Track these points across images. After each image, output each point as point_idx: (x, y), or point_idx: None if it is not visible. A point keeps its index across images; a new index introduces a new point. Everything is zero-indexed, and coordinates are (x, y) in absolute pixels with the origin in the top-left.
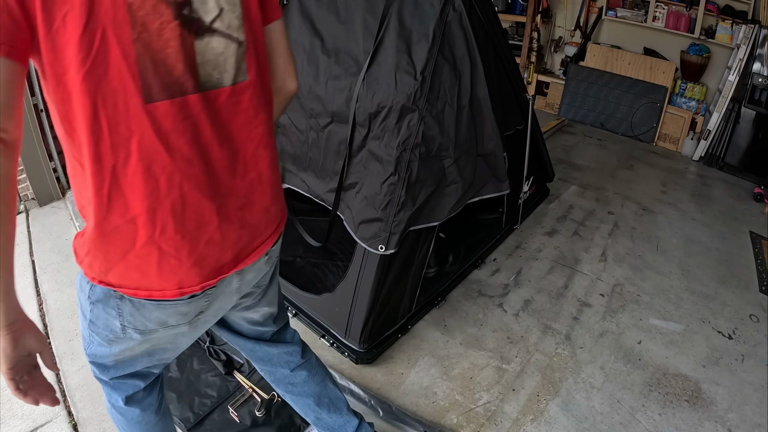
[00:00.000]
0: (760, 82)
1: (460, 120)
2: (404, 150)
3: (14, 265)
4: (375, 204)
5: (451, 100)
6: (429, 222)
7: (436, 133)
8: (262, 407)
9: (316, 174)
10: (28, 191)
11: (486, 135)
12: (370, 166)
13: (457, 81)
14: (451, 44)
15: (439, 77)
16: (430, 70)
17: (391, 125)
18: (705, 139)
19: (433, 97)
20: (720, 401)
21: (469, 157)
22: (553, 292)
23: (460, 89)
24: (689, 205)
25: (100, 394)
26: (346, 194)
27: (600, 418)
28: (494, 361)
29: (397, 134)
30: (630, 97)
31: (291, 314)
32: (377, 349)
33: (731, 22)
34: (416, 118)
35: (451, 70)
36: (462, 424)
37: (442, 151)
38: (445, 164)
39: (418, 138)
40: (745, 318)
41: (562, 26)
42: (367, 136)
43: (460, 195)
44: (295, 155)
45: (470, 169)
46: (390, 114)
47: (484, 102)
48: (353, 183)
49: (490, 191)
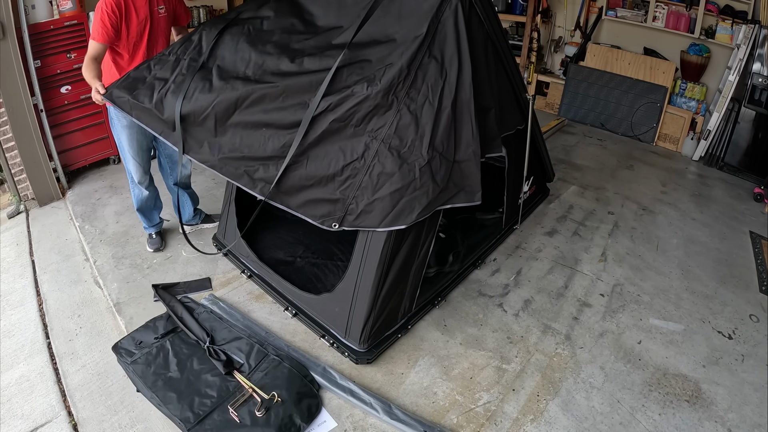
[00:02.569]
0: (760, 82)
1: (438, 120)
2: (374, 138)
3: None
4: (333, 185)
5: (432, 99)
6: (395, 225)
7: (412, 129)
8: (262, 407)
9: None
10: (28, 191)
11: (464, 140)
12: (329, 147)
13: (442, 80)
14: (442, 43)
15: (424, 73)
16: (416, 64)
17: (364, 111)
18: (705, 139)
19: (415, 92)
20: (720, 401)
21: (443, 161)
22: (553, 292)
23: (443, 89)
24: (689, 205)
25: (100, 394)
26: (289, 169)
27: (600, 418)
28: (494, 361)
29: (369, 121)
30: (630, 97)
31: (291, 314)
32: (377, 349)
33: (731, 22)
34: (393, 110)
35: (438, 68)
36: (462, 424)
37: (415, 149)
38: (417, 163)
39: (391, 129)
40: (745, 318)
41: (562, 26)
42: (332, 117)
43: (430, 199)
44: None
45: (443, 174)
46: (367, 100)
47: (466, 106)
48: (299, 160)
49: (462, 200)
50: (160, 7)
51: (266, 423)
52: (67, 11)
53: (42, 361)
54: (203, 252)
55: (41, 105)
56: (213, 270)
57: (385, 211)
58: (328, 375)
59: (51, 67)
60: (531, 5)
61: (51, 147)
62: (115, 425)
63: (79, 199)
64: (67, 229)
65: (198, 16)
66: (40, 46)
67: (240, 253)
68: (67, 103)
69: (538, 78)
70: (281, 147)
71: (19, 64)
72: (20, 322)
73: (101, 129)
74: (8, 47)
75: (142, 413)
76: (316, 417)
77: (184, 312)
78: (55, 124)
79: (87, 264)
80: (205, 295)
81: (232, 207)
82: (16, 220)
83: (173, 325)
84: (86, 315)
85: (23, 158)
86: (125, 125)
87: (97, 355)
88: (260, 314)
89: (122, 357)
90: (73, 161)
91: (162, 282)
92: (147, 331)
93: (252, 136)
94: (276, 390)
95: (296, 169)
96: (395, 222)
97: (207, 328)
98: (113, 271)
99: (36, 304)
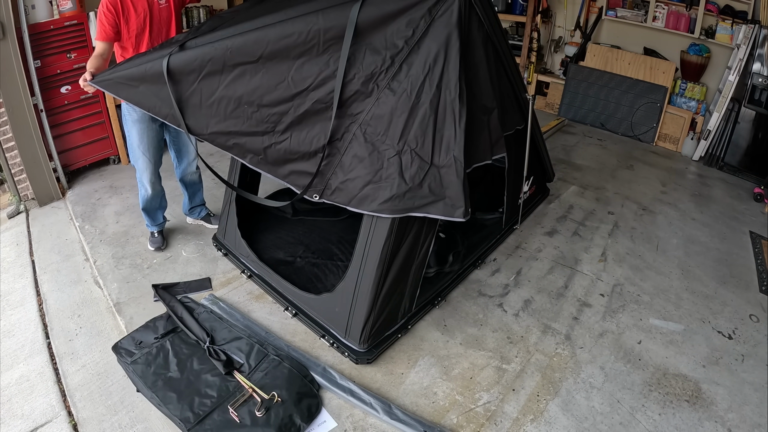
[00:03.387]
0: (760, 82)
1: (414, 114)
2: (354, 122)
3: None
4: (315, 159)
5: (410, 92)
6: (360, 208)
7: (386, 118)
8: (262, 407)
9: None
10: (28, 191)
11: (445, 143)
12: (311, 126)
13: (424, 76)
14: (433, 40)
15: (409, 67)
16: (401, 57)
17: (346, 95)
18: (705, 139)
19: (396, 84)
20: (720, 401)
21: (416, 158)
22: (553, 292)
23: (423, 84)
24: (689, 205)
25: (100, 394)
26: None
27: (600, 418)
28: (494, 361)
29: (350, 105)
30: (630, 97)
31: (291, 314)
32: (377, 349)
33: (731, 22)
34: (372, 97)
35: (423, 65)
36: (462, 424)
37: (387, 139)
38: (386, 154)
39: (368, 116)
40: (745, 318)
41: (562, 26)
42: (315, 98)
43: (393, 193)
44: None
45: (415, 172)
46: (348, 85)
47: (450, 107)
48: (283, 137)
49: (440, 212)
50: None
51: (266, 423)
52: (67, 11)
53: (42, 361)
54: (222, 179)
55: (41, 105)
56: (213, 270)
57: (352, 193)
58: (328, 375)
59: (51, 67)
60: (531, 5)
61: (51, 147)
62: (115, 425)
63: (79, 199)
64: (67, 229)
65: (198, 16)
66: (40, 46)
67: (240, 253)
68: (67, 103)
69: (538, 78)
70: (264, 122)
71: (19, 64)
72: (20, 322)
73: (101, 129)
74: (8, 47)
75: (142, 413)
76: (316, 417)
77: (184, 312)
78: (55, 124)
79: (87, 264)
80: (205, 295)
81: (232, 207)
82: (16, 220)
83: (173, 325)
84: (86, 315)
85: (23, 158)
86: (136, 119)
87: (97, 355)
88: (260, 314)
89: (122, 357)
90: (73, 161)
91: (162, 282)
92: (147, 331)
93: (235, 113)
94: (276, 390)
95: (281, 143)
96: (360, 206)
97: (207, 328)
98: (113, 271)
99: (36, 304)
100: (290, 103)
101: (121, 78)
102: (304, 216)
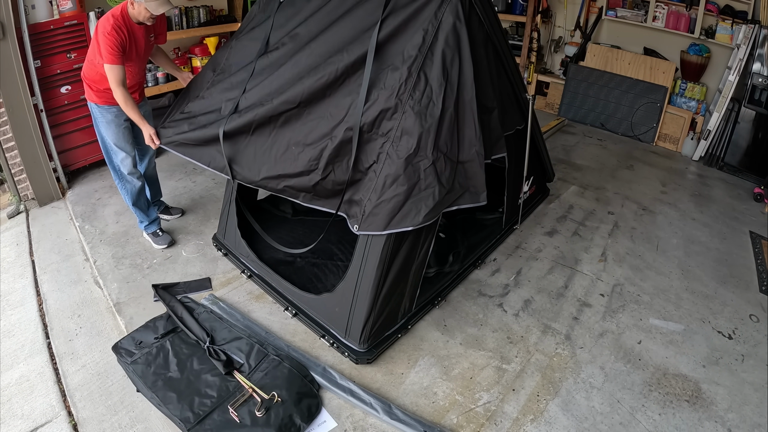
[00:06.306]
0: (760, 82)
1: (442, 121)
2: (387, 140)
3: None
4: (355, 187)
5: (435, 100)
6: (401, 227)
7: (416, 131)
8: (262, 407)
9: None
10: (28, 191)
11: (467, 140)
12: (349, 149)
13: (444, 81)
14: (443, 43)
15: (426, 74)
16: (417, 66)
17: (373, 116)
18: (705, 139)
19: (418, 94)
20: (720, 401)
21: (448, 162)
22: (553, 292)
23: (446, 89)
24: (689, 205)
25: (100, 394)
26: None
27: (600, 418)
28: (494, 361)
29: (380, 125)
30: (630, 97)
31: (291, 314)
32: (377, 349)
33: (731, 22)
34: (399, 112)
35: (440, 69)
36: (462, 424)
37: (420, 151)
38: (422, 165)
39: (398, 132)
40: (745, 318)
41: (562, 26)
42: (345, 126)
43: (437, 200)
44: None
45: (449, 175)
46: (374, 105)
47: (469, 106)
48: (327, 171)
49: (468, 201)
50: (151, 35)
51: (266, 423)
52: (67, 11)
53: (42, 361)
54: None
55: (41, 105)
56: (213, 270)
57: (391, 213)
58: (328, 375)
59: (51, 67)
60: (531, 5)
61: (51, 147)
62: (115, 425)
63: (79, 199)
64: (67, 229)
65: (198, 15)
66: (40, 46)
67: (240, 253)
68: (67, 103)
69: (538, 78)
70: (308, 161)
71: (19, 64)
72: (20, 322)
73: None
74: (8, 47)
75: (142, 413)
76: (316, 417)
77: (184, 312)
78: (55, 124)
79: (87, 264)
80: (205, 295)
81: (232, 207)
82: (16, 220)
83: (173, 325)
84: (86, 315)
85: (23, 158)
86: (111, 119)
87: (97, 355)
88: (260, 314)
89: (122, 357)
90: (73, 161)
91: (162, 282)
92: (147, 331)
93: (284, 156)
94: (276, 390)
95: (326, 178)
96: (401, 224)
97: (207, 328)
98: (113, 271)
99: (36, 304)
100: (328, 137)
101: (185, 140)
102: (304, 216)
